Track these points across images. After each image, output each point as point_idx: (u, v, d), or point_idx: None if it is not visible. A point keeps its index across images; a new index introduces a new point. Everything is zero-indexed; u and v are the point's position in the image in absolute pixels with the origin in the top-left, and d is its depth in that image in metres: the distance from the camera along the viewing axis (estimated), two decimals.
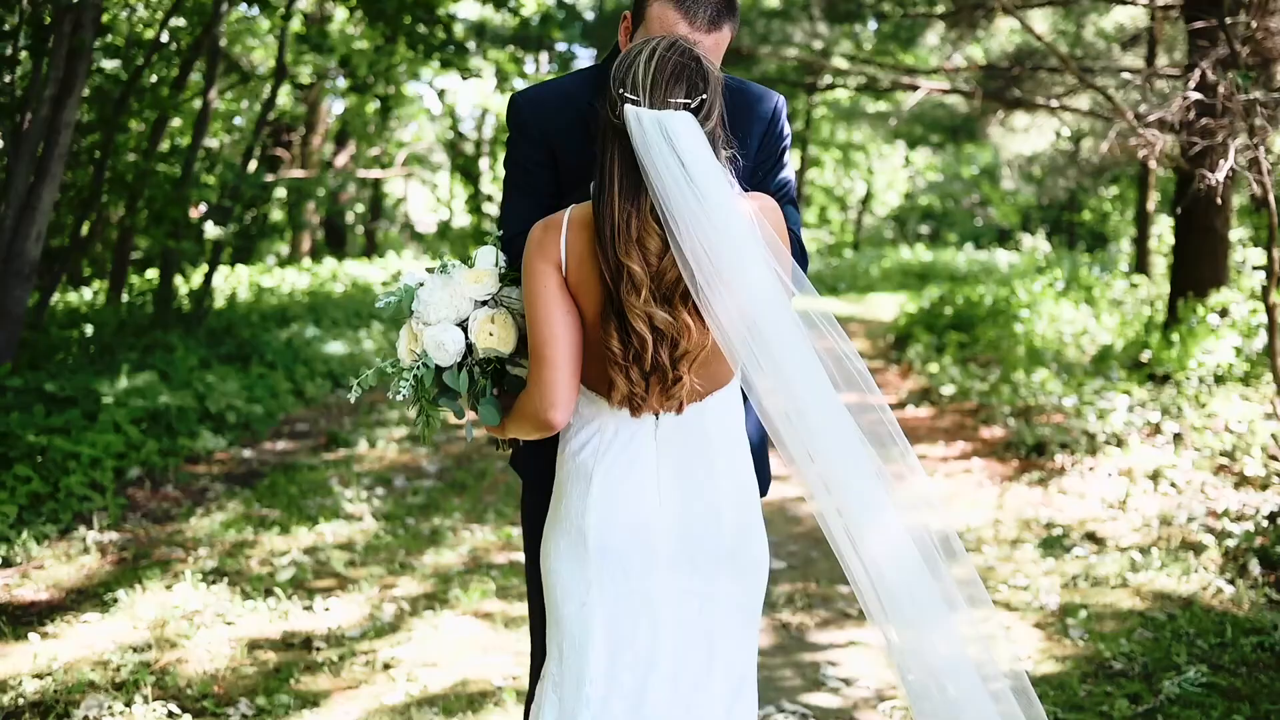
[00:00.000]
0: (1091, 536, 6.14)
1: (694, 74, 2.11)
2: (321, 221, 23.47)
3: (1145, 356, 9.42)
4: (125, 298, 12.15)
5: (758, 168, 2.45)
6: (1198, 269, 11.32)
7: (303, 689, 4.16)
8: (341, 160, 22.59)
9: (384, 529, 6.20)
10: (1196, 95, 5.71)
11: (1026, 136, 16.64)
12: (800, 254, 2.40)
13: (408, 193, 28.45)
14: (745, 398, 2.45)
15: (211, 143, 16.12)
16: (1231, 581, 5.34)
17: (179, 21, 11.55)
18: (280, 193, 15.86)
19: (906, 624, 2.24)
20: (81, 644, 4.49)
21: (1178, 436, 7.44)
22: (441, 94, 23.51)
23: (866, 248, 35.08)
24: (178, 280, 11.97)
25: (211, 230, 11.38)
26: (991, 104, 12.78)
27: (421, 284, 2.29)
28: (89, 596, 5.04)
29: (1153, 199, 14.81)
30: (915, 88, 11.88)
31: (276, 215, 19.10)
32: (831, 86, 13.82)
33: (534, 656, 2.54)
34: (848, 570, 2.18)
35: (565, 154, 2.35)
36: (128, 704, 3.92)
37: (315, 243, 23.85)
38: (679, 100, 2.09)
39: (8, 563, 5.38)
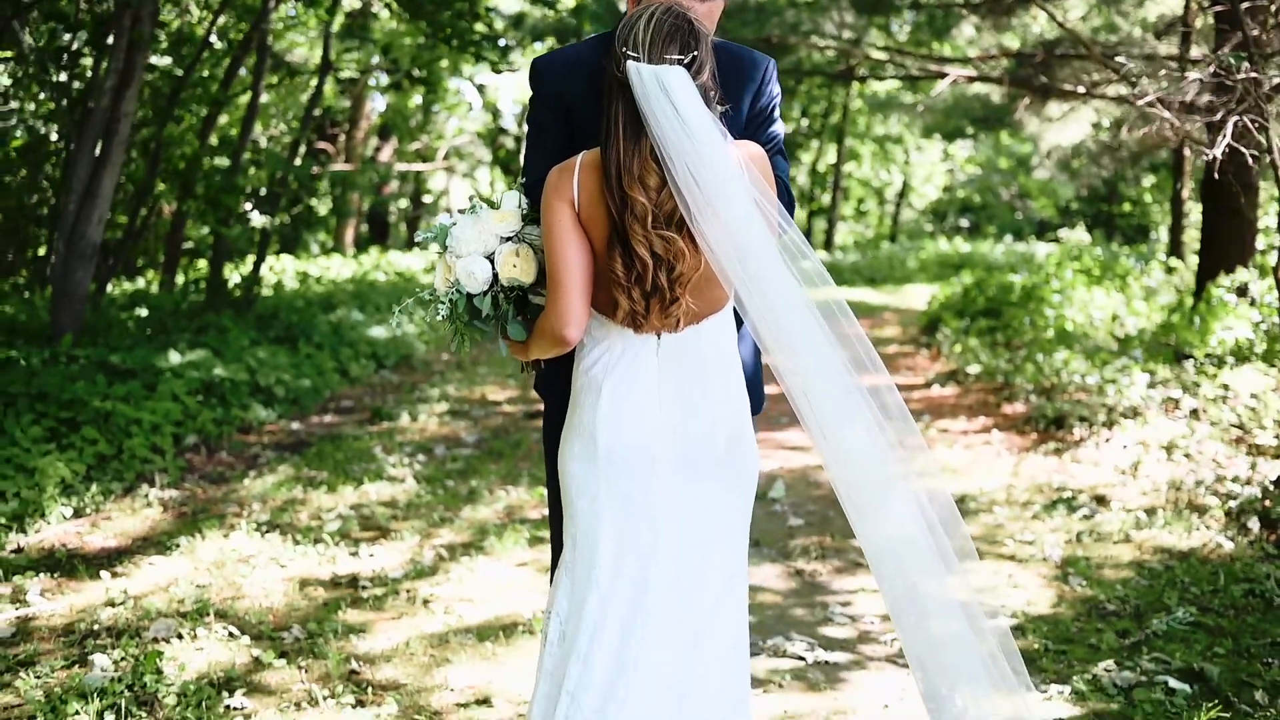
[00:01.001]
0: (1100, 499, 6.38)
1: (687, 34, 2.46)
2: (365, 214, 24.00)
3: (1171, 339, 9.58)
4: (178, 285, 12.65)
5: (749, 122, 2.77)
6: (1225, 252, 11.47)
7: (349, 619, 4.54)
8: (385, 155, 23.09)
9: (425, 489, 6.57)
10: (1196, 75, 5.93)
11: (1063, 127, 16.77)
12: (787, 198, 2.72)
13: (449, 187, 28.93)
14: (740, 327, 2.78)
15: (259, 137, 16.64)
16: (1232, 539, 5.57)
17: (226, 18, 12.00)
18: (325, 184, 16.37)
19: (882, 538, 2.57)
20: (148, 582, 4.89)
21: (1194, 411, 7.63)
22: (481, 89, 23.96)
23: (904, 240, 35.21)
24: (227, 270, 12.45)
25: (258, 219, 11.83)
26: (1020, 91, 12.97)
27: (454, 223, 2.64)
28: (153, 543, 5.44)
29: (1188, 187, 14.88)
30: (944, 75, 12.11)
31: (322, 208, 19.66)
32: (863, 78, 14.05)
33: (553, 548, 2.88)
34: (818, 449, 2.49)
35: (578, 111, 2.68)
36: (193, 628, 4.30)
37: (359, 235, 24.37)
38: (674, 57, 2.43)
39: (78, 514, 5.81)
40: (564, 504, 2.69)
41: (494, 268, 2.60)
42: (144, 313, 10.34)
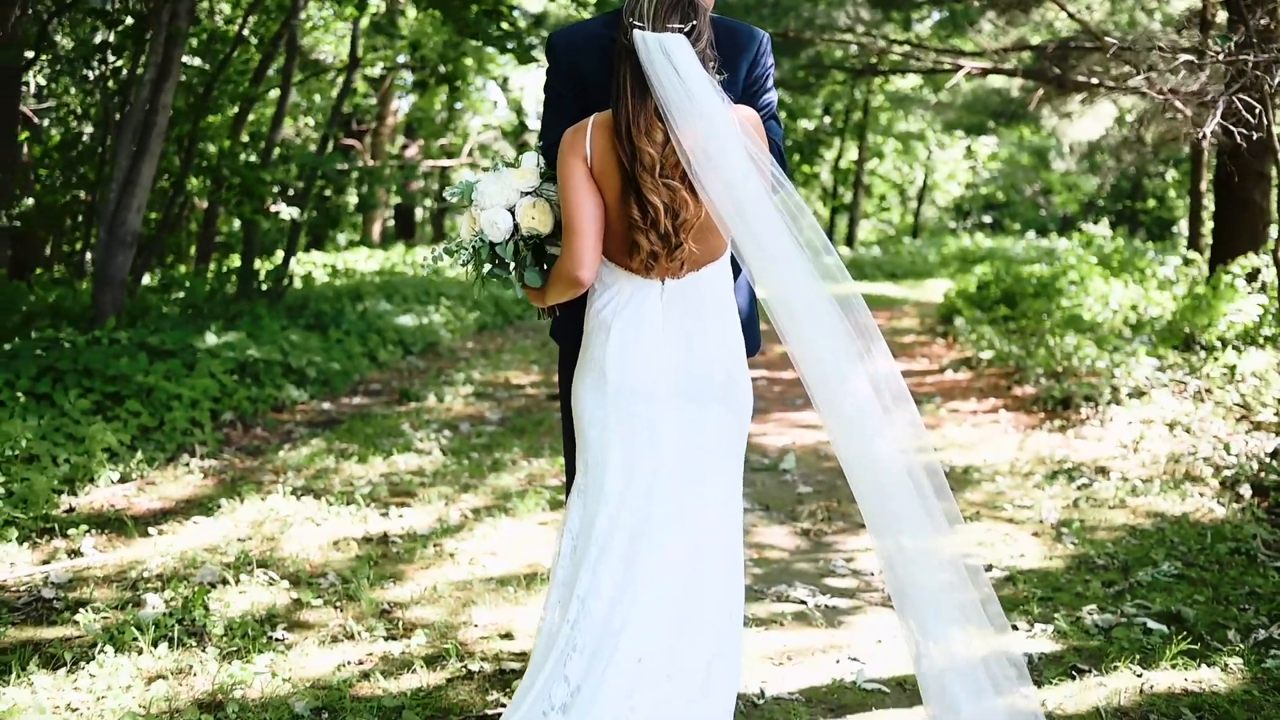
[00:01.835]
0: (1100, 470, 6.62)
1: (687, 6, 2.76)
2: (393, 208, 24.39)
3: (1183, 326, 9.75)
4: (209, 283, 13.03)
5: (746, 90, 3.06)
6: (1237, 241, 11.63)
7: (381, 569, 4.84)
8: (411, 152, 23.49)
9: (451, 460, 6.88)
10: (1187, 57, 6.16)
11: (1083, 122, 16.93)
12: (780, 159, 3.00)
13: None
14: (736, 276, 3.07)
15: (288, 134, 17.07)
16: (1224, 505, 5.80)
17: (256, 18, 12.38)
18: (353, 179, 16.76)
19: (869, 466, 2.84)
20: (192, 538, 5.21)
21: (1199, 393, 7.83)
22: (504, 84, 24.33)
23: (926, 236, 35.36)
24: (257, 264, 12.80)
25: (288, 211, 12.18)
26: (1034, 84, 13.18)
27: (479, 180, 2.94)
28: (195, 506, 5.77)
29: (1205, 180, 14.99)
30: (959, 67, 12.33)
31: (350, 202, 20.07)
32: (880, 72, 14.27)
33: (567, 475, 3.18)
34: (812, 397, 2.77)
35: (590, 80, 2.98)
36: (236, 574, 4.62)
37: (385, 230, 24.78)
38: (675, 26, 2.73)
39: (124, 479, 6.15)
40: (576, 434, 2.99)
41: (514, 219, 2.90)
42: (180, 294, 10.71)
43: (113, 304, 8.84)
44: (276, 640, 4.00)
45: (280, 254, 13.47)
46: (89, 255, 13.75)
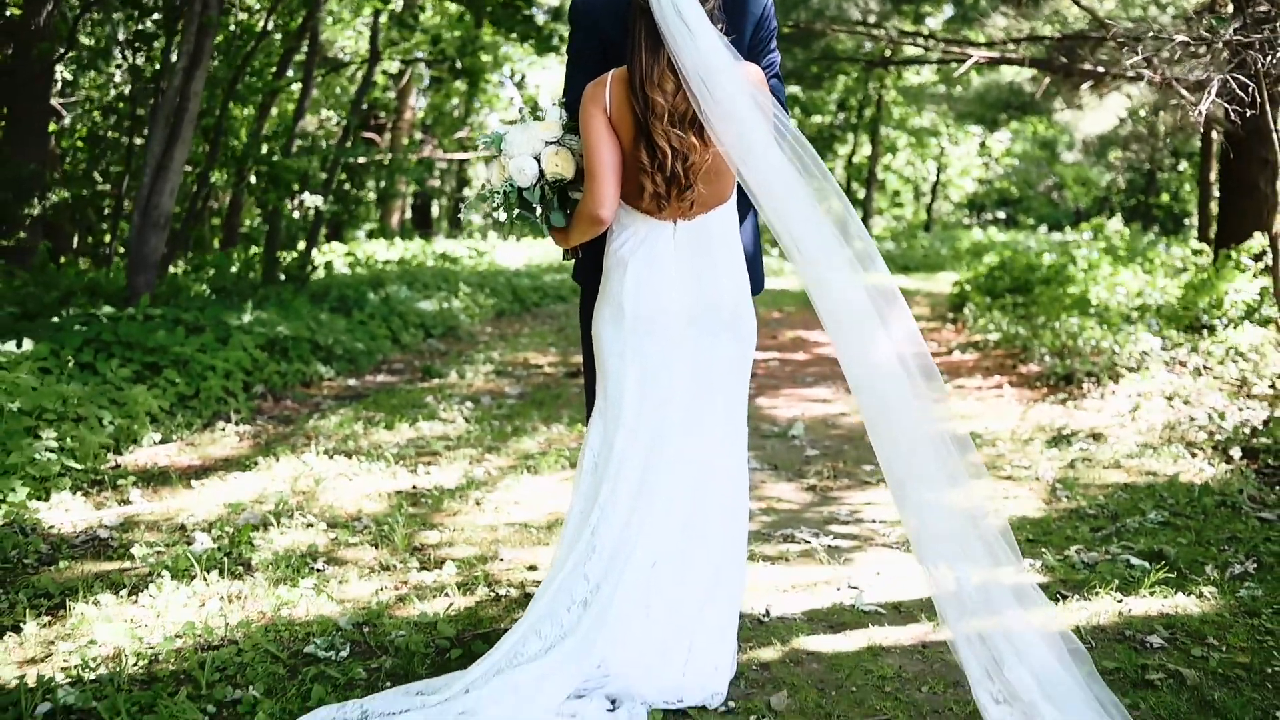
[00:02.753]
0: (1097, 436, 6.88)
1: None
2: (412, 201, 24.73)
3: (1188, 311, 9.96)
4: (235, 266, 13.39)
5: (751, 50, 3.36)
6: (1243, 226, 11.84)
7: (412, 516, 5.15)
8: (427, 150, 23.84)
9: (474, 427, 7.19)
10: (1182, 38, 6.42)
11: (1094, 115, 17.13)
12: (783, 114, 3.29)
13: (491, 177, 29.58)
14: (742, 221, 3.36)
15: (309, 127, 17.43)
16: (1214, 466, 6.05)
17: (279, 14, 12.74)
18: (372, 170, 17.08)
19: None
20: (233, 490, 5.53)
21: (1199, 369, 8.06)
22: (520, 83, 24.63)
23: (940, 231, 35.57)
24: (280, 253, 13.15)
25: (312, 199, 12.51)
26: (1042, 73, 13.42)
27: (508, 131, 3.24)
28: (234, 464, 6.09)
29: (1215, 170, 15.15)
30: (967, 56, 12.58)
31: (369, 194, 20.41)
32: (892, 62, 14.52)
33: (588, 402, 3.48)
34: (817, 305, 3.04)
35: (610, 39, 3.27)
36: (276, 518, 4.93)
37: (404, 223, 25.13)
38: None
39: (165, 440, 6.48)
40: (597, 363, 3.29)
41: (540, 166, 3.20)
42: (210, 274, 11.07)
43: (146, 284, 9.18)
44: (318, 571, 4.31)
45: (302, 245, 13.81)
46: (110, 248, 14.15)
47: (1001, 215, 40.36)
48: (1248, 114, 6.47)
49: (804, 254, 3.00)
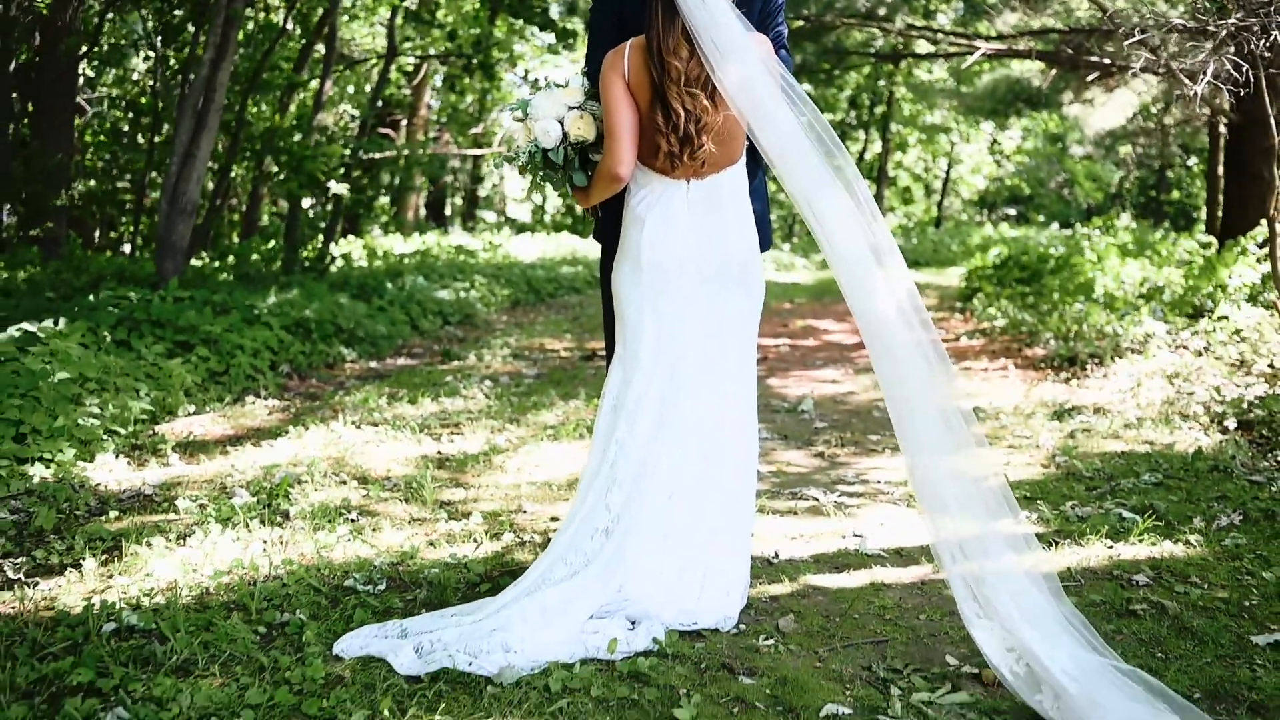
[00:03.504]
0: (1099, 410, 7.10)
1: None
2: (428, 191, 25.01)
3: (1193, 299, 10.14)
4: (255, 257, 13.70)
5: (760, 22, 3.61)
6: (1247, 214, 12.04)
7: (438, 476, 5.41)
8: (443, 145, 24.13)
9: (495, 403, 7.45)
10: (1178, 20, 6.64)
11: (1105, 110, 17.29)
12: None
13: (504, 174, 29.94)
14: (751, 181, 3.61)
15: (326, 122, 17.72)
16: (1209, 436, 6.26)
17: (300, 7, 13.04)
18: (387, 165, 17.38)
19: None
20: (268, 455, 5.79)
21: (1200, 351, 8.26)
22: (535, 86, 24.87)
23: (950, 228, 35.75)
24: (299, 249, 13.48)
25: (337, 187, 12.81)
26: (1049, 66, 13.63)
27: (533, 97, 3.50)
28: (266, 433, 6.36)
29: (1222, 162, 15.27)
30: (975, 49, 12.79)
31: (384, 192, 20.71)
32: (901, 55, 14.75)
33: (608, 349, 3.74)
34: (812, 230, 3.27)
35: (628, 14, 3.53)
36: (309, 475, 5.20)
37: (419, 220, 25.43)
38: None
39: (199, 411, 6.75)
40: (616, 314, 3.54)
41: (563, 129, 3.45)
42: (232, 260, 11.36)
43: (174, 268, 9.47)
44: (352, 521, 4.57)
45: (320, 239, 14.12)
46: (132, 242, 14.48)
47: (1012, 212, 40.50)
48: (1242, 94, 6.68)
49: (814, 211, 3.24)
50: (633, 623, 3.31)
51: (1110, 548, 4.28)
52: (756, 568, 4.01)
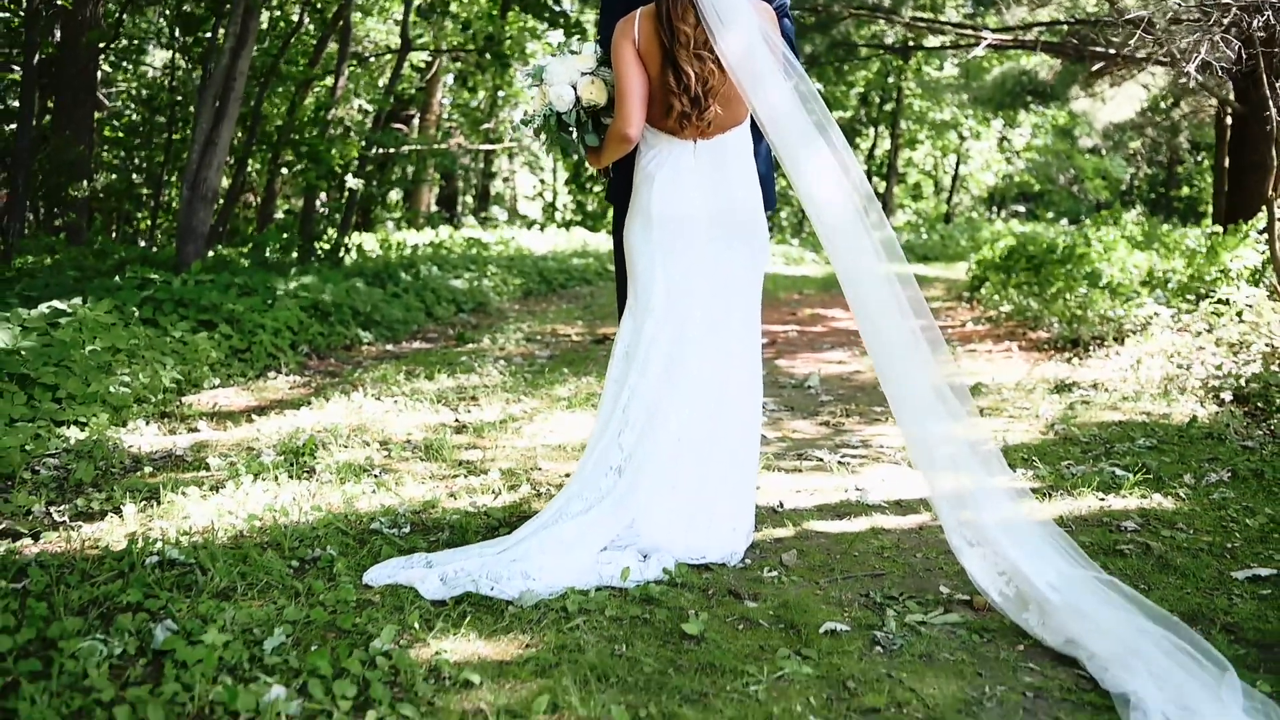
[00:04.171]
0: (1098, 386, 7.27)
1: None
2: (440, 184, 25.26)
3: (1197, 286, 10.28)
4: (271, 246, 13.91)
5: None
6: (1250, 201, 12.18)
7: (456, 441, 5.62)
8: (455, 141, 24.37)
9: (509, 379, 7.66)
10: (1175, 4, 6.82)
11: (1114, 104, 17.44)
12: (792, 48, 3.74)
13: (515, 170, 30.21)
14: (756, 143, 3.81)
15: (341, 117, 17.95)
16: (1205, 408, 6.43)
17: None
18: (401, 159, 17.62)
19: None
20: (291, 422, 6.00)
21: (1200, 332, 8.42)
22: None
23: (960, 223, 35.88)
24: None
25: (353, 181, 13.03)
26: (1054, 56, 13.80)
27: (549, 62, 3.71)
28: (289, 404, 6.57)
29: (1227, 152, 15.35)
30: (981, 39, 12.99)
31: (395, 195, 20.96)
32: (908, 48, 14.93)
33: (618, 301, 3.94)
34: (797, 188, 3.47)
35: None
36: (333, 439, 5.41)
37: (431, 214, 25.69)
38: None
39: (224, 384, 6.97)
40: (628, 266, 3.75)
41: (576, 93, 3.66)
42: (249, 248, 11.59)
43: (195, 253, 9.70)
44: (376, 476, 4.78)
45: (334, 232, 14.34)
46: (149, 235, 14.74)
47: (1021, 209, 40.61)
48: (1236, 72, 6.85)
49: (803, 176, 3.44)
50: (644, 556, 3.51)
51: (1102, 499, 4.47)
52: (761, 515, 4.21)
